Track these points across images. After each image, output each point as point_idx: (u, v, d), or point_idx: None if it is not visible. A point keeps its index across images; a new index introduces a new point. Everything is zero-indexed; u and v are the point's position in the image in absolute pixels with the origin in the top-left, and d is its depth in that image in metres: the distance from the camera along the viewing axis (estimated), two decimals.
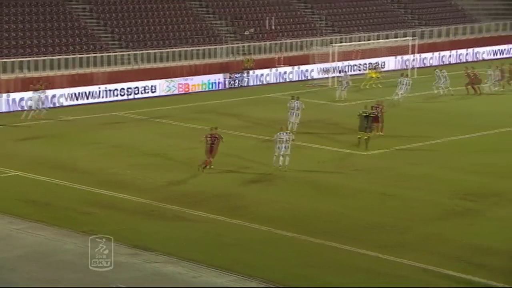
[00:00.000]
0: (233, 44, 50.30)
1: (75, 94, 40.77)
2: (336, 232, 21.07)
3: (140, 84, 42.93)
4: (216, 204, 23.66)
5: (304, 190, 25.14)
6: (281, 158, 27.19)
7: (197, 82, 44.88)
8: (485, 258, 19.17)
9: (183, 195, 24.61)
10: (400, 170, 27.28)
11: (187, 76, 45.46)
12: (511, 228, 21.29)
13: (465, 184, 25.36)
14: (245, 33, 50.24)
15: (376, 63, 48.44)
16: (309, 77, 48.29)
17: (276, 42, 51.14)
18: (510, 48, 57.93)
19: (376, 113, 30.87)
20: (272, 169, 27.14)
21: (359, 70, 49.69)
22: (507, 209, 22.82)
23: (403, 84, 39.70)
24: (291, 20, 55.48)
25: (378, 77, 45.60)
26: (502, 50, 57.54)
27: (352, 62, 49.81)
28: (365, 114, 30.06)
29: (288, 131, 28.29)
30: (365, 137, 29.81)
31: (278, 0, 56.32)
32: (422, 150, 30.06)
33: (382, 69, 47.68)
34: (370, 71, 46.37)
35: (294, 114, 32.84)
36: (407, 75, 42.06)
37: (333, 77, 46.30)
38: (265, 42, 50.96)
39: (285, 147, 27.17)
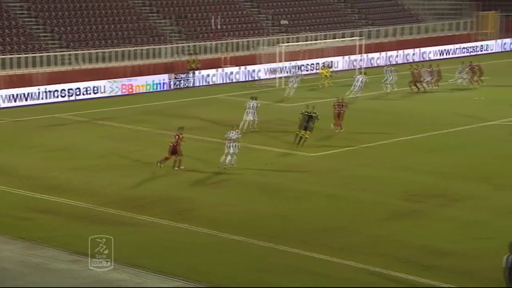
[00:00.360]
0: (178, 43, 50.12)
1: (13, 95, 40.06)
2: (284, 235, 21.18)
3: (82, 85, 42.42)
4: (162, 208, 23.55)
5: (252, 192, 25.21)
6: (228, 157, 27.21)
7: (141, 83, 44.57)
8: (432, 259, 19.51)
9: (127, 199, 24.41)
10: (348, 171, 27.57)
11: (131, 76, 45.11)
12: (457, 229, 21.71)
13: (412, 184, 25.77)
14: (281, 22, 50.46)
15: (330, 62, 48.87)
16: (256, 78, 48.44)
17: (222, 41, 51.16)
18: (456, 48, 59.11)
19: (338, 111, 32.60)
20: (220, 169, 27.20)
21: (307, 71, 50.05)
22: (453, 210, 23.27)
23: (358, 81, 40.73)
24: (237, 19, 55.57)
25: (328, 76, 46.06)
26: (448, 50, 58.68)
27: (299, 62, 50.14)
28: (307, 114, 30.80)
29: (238, 130, 28.39)
30: (305, 136, 30.57)
31: (223, 0, 56.34)
32: (370, 151, 30.44)
33: (331, 69, 48.08)
34: (322, 70, 46.84)
35: (250, 113, 33.36)
36: (364, 73, 42.46)
37: (281, 77, 46.56)
38: (210, 42, 50.94)
39: (233, 146, 27.25)
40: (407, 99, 41.47)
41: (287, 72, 46.81)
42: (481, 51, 60.22)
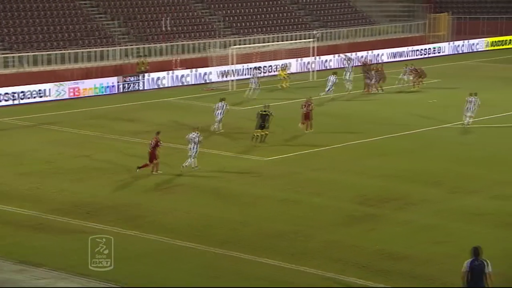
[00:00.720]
0: (127, 45, 49.78)
1: None
2: (237, 241, 21.20)
3: (27, 88, 41.81)
4: (111, 214, 23.35)
5: (204, 198, 25.17)
6: (188, 159, 27.48)
7: (89, 86, 44.12)
8: (387, 264, 19.75)
9: (74, 206, 24.14)
10: (302, 175, 27.73)
11: (78, 79, 44.63)
12: (411, 233, 22.00)
13: (367, 188, 26.04)
14: (315, 34, 50.58)
15: (286, 63, 49.09)
16: (207, 80, 48.38)
17: (172, 43, 50.98)
18: (409, 50, 59.90)
19: (306, 110, 33.61)
20: (182, 172, 27.45)
21: (260, 73, 50.18)
22: (407, 214, 23.58)
23: (330, 81, 41.87)
24: (188, 21, 55.44)
25: (285, 78, 46.33)
26: (401, 52, 59.42)
27: (252, 65, 50.24)
28: (263, 113, 31.76)
29: (198, 132, 28.38)
30: (263, 133, 31.52)
31: (174, 0, 56.16)
32: (324, 155, 30.66)
33: (287, 71, 48.32)
34: (281, 71, 47.10)
35: (218, 114, 34.04)
36: (335, 73, 43.05)
37: (233, 80, 46.62)
38: (161, 44, 50.70)
39: (192, 148, 27.77)
40: (360, 102, 41.88)
41: (247, 74, 47.01)
42: (434, 53, 61.20)
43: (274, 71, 49.15)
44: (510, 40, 66.17)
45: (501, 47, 64.67)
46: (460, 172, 28.11)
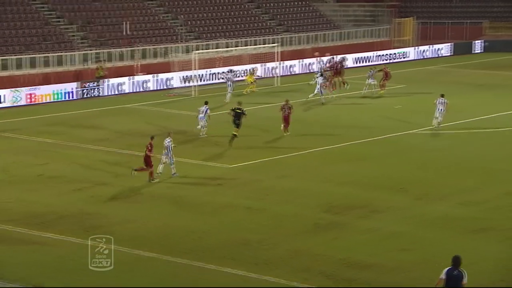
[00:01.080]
0: (86, 50, 49.39)
1: None
2: (201, 251, 21.10)
3: None
4: (69, 225, 23.09)
5: (166, 207, 25.00)
6: (160, 165, 27.70)
7: (46, 92, 43.65)
8: (352, 272, 19.80)
9: (31, 216, 23.82)
10: (266, 183, 27.71)
11: (35, 85, 44.14)
12: (377, 241, 22.08)
13: (332, 196, 26.12)
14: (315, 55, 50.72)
15: (252, 68, 49.16)
16: (169, 86, 48.19)
17: (133, 48, 50.71)
18: (375, 55, 60.30)
19: (287, 113, 34.55)
20: (156, 181, 27.55)
21: (222, 79, 50.17)
22: (372, 221, 23.68)
23: (317, 84, 42.88)
24: (150, 25, 55.21)
25: (252, 82, 46.39)
26: (367, 57, 59.78)
27: (215, 70, 50.19)
28: (237, 110, 32.81)
29: (170, 138, 28.16)
30: (233, 133, 32.24)
31: (134, 4, 55.90)
32: (290, 162, 30.69)
33: (255, 76, 48.39)
34: (249, 77, 47.12)
35: (201, 118, 34.42)
36: (322, 75, 43.55)
37: (195, 86, 46.50)
38: (121, 49, 50.37)
39: (165, 154, 27.88)
40: (325, 107, 42.05)
41: (211, 80, 47.10)
42: (400, 58, 61.74)
43: (241, 76, 49.08)
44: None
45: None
46: (426, 178, 28.33)
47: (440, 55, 64.33)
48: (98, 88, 45.60)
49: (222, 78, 47.16)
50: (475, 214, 24.37)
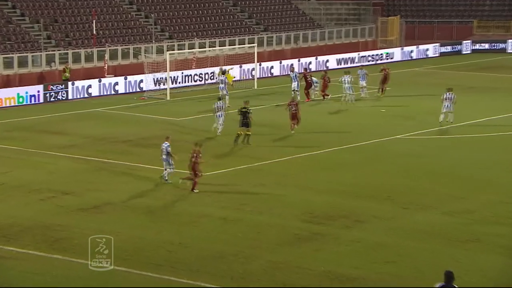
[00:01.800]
0: (52, 51, 49.23)
1: None
2: (173, 264, 21.12)
3: None
4: (34, 237, 23.03)
5: (137, 218, 25.00)
6: (164, 171, 27.93)
7: (9, 95, 43.50)
8: (334, 286, 19.88)
9: None
10: (243, 192, 27.78)
11: None
12: (360, 253, 22.19)
13: (313, 205, 26.23)
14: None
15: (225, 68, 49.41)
16: (141, 89, 48.14)
17: (102, 48, 50.64)
18: (360, 57, 60.43)
19: (294, 110, 36.10)
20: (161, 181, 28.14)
21: (200, 80, 50.23)
22: (356, 232, 23.80)
23: (316, 82, 44.60)
24: (120, 24, 55.16)
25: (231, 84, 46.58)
26: (351, 58, 59.87)
27: (189, 72, 50.22)
28: (243, 110, 33.91)
29: (167, 142, 28.38)
30: (246, 133, 33.65)
31: (102, 2, 55.81)
32: (268, 169, 30.78)
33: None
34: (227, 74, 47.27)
35: (220, 116, 35.48)
36: (348, 72, 44.35)
37: (170, 88, 46.51)
38: (86, 49, 50.18)
39: (164, 160, 28.09)
40: (306, 112, 42.21)
41: (185, 82, 47.19)
42: (387, 59, 61.96)
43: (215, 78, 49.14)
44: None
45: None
46: (409, 186, 28.52)
47: (427, 56, 64.82)
48: (64, 91, 45.46)
49: (209, 80, 47.07)
50: (461, 224, 24.59)
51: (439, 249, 22.33)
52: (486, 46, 67.56)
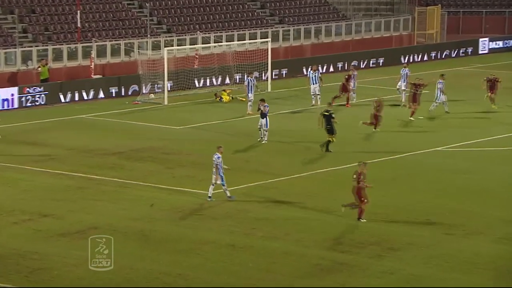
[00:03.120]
0: (28, 47, 49.47)
1: None
2: None
3: None
4: (8, 266, 23.15)
5: (129, 245, 25.06)
6: (210, 187, 28.81)
7: None
8: None
9: None
10: (255, 213, 27.85)
11: None
12: (393, 286, 22.18)
13: (338, 229, 26.25)
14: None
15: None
16: (134, 92, 48.31)
17: (88, 44, 50.88)
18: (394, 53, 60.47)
19: (377, 111, 38.96)
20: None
21: (203, 81, 50.41)
22: (388, 262, 23.78)
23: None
24: (109, 15, 55.42)
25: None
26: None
27: (192, 71, 50.37)
28: (325, 114, 35.68)
29: (218, 154, 28.66)
30: (332, 139, 35.47)
31: None
32: (284, 186, 30.84)
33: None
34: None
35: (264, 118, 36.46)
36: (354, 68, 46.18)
37: (167, 91, 46.66)
38: (70, 45, 50.38)
39: (214, 173, 28.53)
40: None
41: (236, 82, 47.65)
42: (423, 57, 61.95)
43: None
44: None
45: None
46: (454, 208, 28.50)
47: (473, 53, 64.78)
48: (43, 94, 45.65)
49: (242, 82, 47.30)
50: None
51: (488, 284, 22.27)
52: None
